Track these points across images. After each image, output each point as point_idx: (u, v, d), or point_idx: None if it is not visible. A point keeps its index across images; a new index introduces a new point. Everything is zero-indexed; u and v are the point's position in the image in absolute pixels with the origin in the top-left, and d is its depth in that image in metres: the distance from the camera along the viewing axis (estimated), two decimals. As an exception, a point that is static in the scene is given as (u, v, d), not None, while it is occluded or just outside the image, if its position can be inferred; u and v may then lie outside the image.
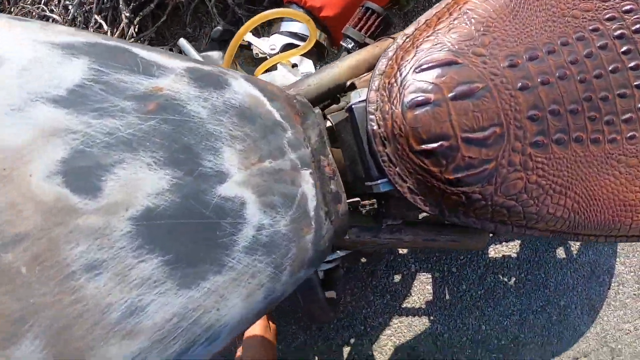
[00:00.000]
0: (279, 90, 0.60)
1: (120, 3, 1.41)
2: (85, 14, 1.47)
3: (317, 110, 0.65)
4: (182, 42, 0.96)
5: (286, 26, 1.00)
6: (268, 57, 0.95)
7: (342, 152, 0.63)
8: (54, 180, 0.40)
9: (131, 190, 0.42)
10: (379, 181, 0.58)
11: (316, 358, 1.37)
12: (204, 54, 0.98)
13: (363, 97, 0.59)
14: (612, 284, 1.47)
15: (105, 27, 1.44)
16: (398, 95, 0.57)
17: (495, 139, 0.56)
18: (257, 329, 0.97)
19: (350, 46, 0.86)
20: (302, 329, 1.38)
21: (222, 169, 0.47)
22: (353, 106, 0.59)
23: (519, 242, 1.43)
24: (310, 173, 0.55)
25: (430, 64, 0.57)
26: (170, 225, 0.43)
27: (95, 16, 1.44)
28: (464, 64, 0.57)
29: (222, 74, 0.54)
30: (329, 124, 0.65)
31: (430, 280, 1.40)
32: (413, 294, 1.40)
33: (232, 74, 0.56)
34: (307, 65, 0.94)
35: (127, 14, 1.42)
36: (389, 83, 0.58)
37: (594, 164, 0.63)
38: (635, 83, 0.63)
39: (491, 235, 1.01)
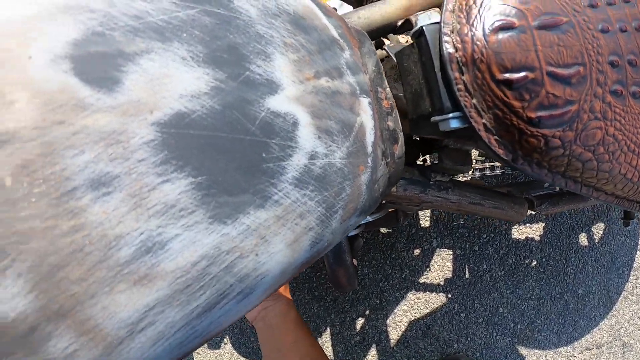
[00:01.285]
0: (333, 10, 0.48)
1: None
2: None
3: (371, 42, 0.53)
4: None
5: None
6: None
7: (402, 85, 0.51)
8: (60, 65, 0.27)
9: (159, 88, 0.29)
10: (450, 115, 0.46)
11: (328, 329, 1.25)
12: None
13: (434, 20, 0.48)
14: (630, 277, 1.38)
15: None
16: (478, 16, 0.47)
17: (578, 79, 0.47)
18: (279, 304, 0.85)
19: None
20: (315, 299, 1.26)
21: (273, 77, 0.35)
22: (424, 27, 0.47)
23: (543, 224, 1.32)
24: (369, 103, 0.42)
25: None
26: (207, 138, 0.30)
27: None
28: None
29: None
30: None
31: (451, 257, 1.28)
32: (432, 270, 1.27)
33: None
34: (347, 10, 0.81)
35: None
36: (466, 4, 0.48)
37: None
38: None
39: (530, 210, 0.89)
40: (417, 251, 1.26)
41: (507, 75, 0.45)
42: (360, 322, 1.25)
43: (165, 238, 0.29)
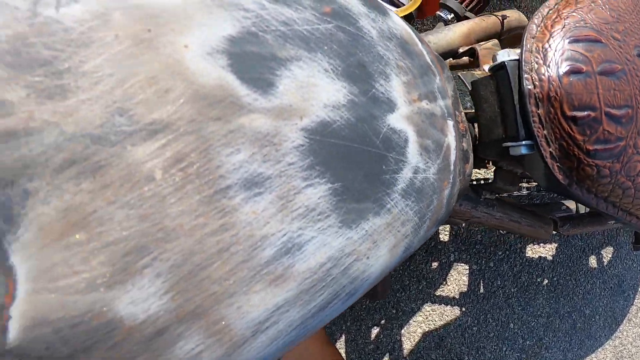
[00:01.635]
0: (422, 36, 0.51)
1: None
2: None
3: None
4: None
5: None
6: None
7: (477, 112, 0.56)
8: (218, 60, 0.29)
9: (308, 95, 0.31)
10: (523, 142, 0.53)
11: (343, 336, 1.27)
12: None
13: (513, 57, 0.54)
14: (636, 301, 1.41)
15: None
16: (554, 59, 0.54)
17: (627, 119, 0.55)
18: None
19: (448, 17, 0.80)
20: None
21: (391, 97, 0.37)
22: (506, 62, 0.52)
23: (556, 244, 1.35)
24: (453, 125, 0.46)
25: (579, 37, 0.55)
26: (343, 147, 0.33)
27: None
28: (606, 44, 0.56)
29: (380, 1, 0.44)
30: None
31: (467, 271, 1.31)
32: (449, 284, 1.30)
33: (387, 5, 0.46)
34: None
35: None
36: (542, 47, 0.55)
37: None
38: None
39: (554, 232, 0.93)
40: (435, 264, 1.29)
41: (574, 112, 0.52)
42: (375, 330, 1.28)
43: (304, 240, 0.31)
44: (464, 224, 0.85)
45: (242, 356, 0.30)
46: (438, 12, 0.81)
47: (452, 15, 0.80)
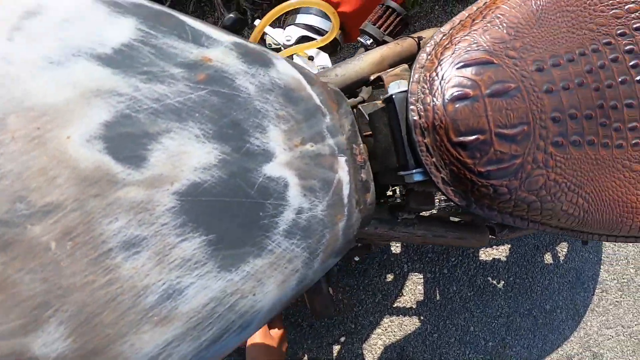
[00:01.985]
0: (317, 76, 0.57)
1: None
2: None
3: (348, 100, 0.63)
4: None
5: (302, 18, 0.98)
6: (283, 47, 0.93)
7: (374, 142, 0.62)
8: (95, 145, 0.36)
9: (178, 163, 0.38)
10: (414, 170, 0.58)
11: (306, 356, 1.34)
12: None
13: (402, 88, 0.59)
14: (596, 291, 1.49)
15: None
16: (439, 88, 0.58)
17: (523, 137, 0.59)
18: (257, 337, 0.96)
19: (368, 42, 0.85)
20: (292, 326, 1.35)
21: (268, 147, 0.44)
22: (394, 96, 0.58)
23: (509, 245, 1.43)
24: (346, 160, 0.52)
25: (469, 62, 0.59)
26: (216, 203, 0.39)
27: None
28: (499, 65, 0.60)
29: (265, 52, 0.51)
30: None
31: (422, 280, 1.38)
32: (404, 294, 1.38)
33: (275, 55, 0.53)
34: (323, 59, 0.91)
35: None
36: (429, 76, 0.59)
37: (603, 166, 0.66)
38: None
39: (491, 236, 1.00)
40: (389, 276, 1.36)
41: (461, 138, 0.57)
42: (336, 347, 1.34)
43: (183, 286, 0.37)
44: (384, 244, 0.92)
45: None
46: (359, 38, 0.88)
47: (371, 40, 0.86)
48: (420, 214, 0.85)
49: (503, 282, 1.42)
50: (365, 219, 0.57)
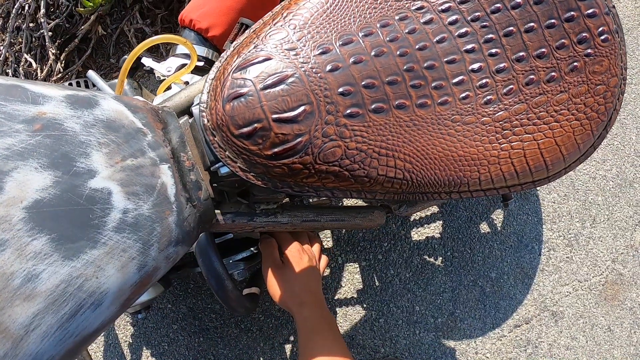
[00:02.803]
0: (144, 104, 0.83)
1: (47, 41, 1.68)
2: (16, 54, 1.77)
3: (185, 117, 0.88)
4: (90, 74, 1.17)
5: (181, 48, 1.22)
6: (166, 78, 1.16)
7: (196, 149, 0.84)
8: None
9: (24, 187, 0.63)
10: (217, 165, 0.78)
11: (261, 358, 1.57)
12: (111, 82, 1.20)
13: (199, 101, 0.79)
14: (543, 250, 1.67)
15: (34, 64, 1.74)
16: (220, 92, 0.73)
17: (305, 116, 0.71)
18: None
19: None
20: (243, 332, 1.57)
21: (92, 167, 0.69)
22: (192, 108, 0.82)
23: (441, 222, 1.65)
24: (169, 167, 0.78)
25: (245, 64, 0.72)
26: (54, 212, 0.64)
27: (25, 55, 1.74)
28: (276, 59, 0.72)
29: (94, 96, 0.76)
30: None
31: (358, 269, 1.61)
32: (343, 285, 1.61)
33: (103, 95, 0.78)
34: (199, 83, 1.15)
35: (54, 51, 1.70)
36: (215, 85, 0.76)
37: (424, 125, 0.75)
38: (464, 48, 0.76)
39: (387, 213, 1.22)
40: (325, 271, 1.60)
41: (241, 130, 0.72)
42: (288, 346, 1.56)
43: (38, 271, 0.63)
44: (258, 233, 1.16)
45: (24, 349, 0.60)
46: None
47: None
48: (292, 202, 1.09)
49: (441, 257, 1.63)
50: (205, 213, 0.83)
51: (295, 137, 0.72)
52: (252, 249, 1.23)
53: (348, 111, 0.72)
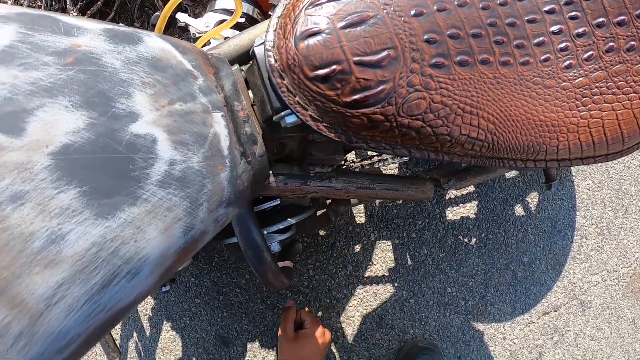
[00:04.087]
0: (193, 46, 0.66)
1: (68, 3, 1.50)
2: (36, 17, 1.56)
3: (236, 66, 0.72)
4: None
5: (219, 4, 1.08)
6: (203, 35, 1.01)
7: (253, 98, 0.69)
8: None
9: (51, 129, 0.48)
10: (283, 113, 0.63)
11: (285, 336, 1.43)
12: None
13: (261, 40, 0.65)
14: (575, 238, 1.55)
15: (55, 29, 1.53)
16: (291, 30, 0.62)
17: (389, 61, 0.60)
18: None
19: None
20: (269, 308, 1.45)
21: (134, 110, 0.53)
22: (254, 48, 0.65)
23: (476, 202, 1.51)
24: (222, 115, 0.61)
25: (320, 1, 0.62)
26: (86, 160, 0.49)
27: (45, 18, 1.53)
28: None
29: (136, 32, 0.60)
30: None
31: (391, 247, 1.47)
32: (375, 263, 1.47)
33: (147, 32, 0.62)
34: (250, 31, 1.01)
35: (75, 14, 1.50)
36: (284, 22, 0.63)
37: (507, 84, 0.67)
38: (544, 9, 0.68)
39: (436, 186, 1.08)
40: (357, 247, 1.45)
41: (317, 72, 0.60)
42: (314, 324, 1.43)
43: (64, 232, 0.47)
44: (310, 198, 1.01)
45: (44, 325, 0.46)
46: (269, 12, 0.97)
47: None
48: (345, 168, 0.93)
49: (475, 239, 1.50)
50: (260, 171, 0.66)
51: (378, 83, 0.60)
52: (289, 219, 1.07)
53: (434, 60, 0.63)
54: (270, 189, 0.76)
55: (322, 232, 1.43)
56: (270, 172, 0.74)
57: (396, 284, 1.46)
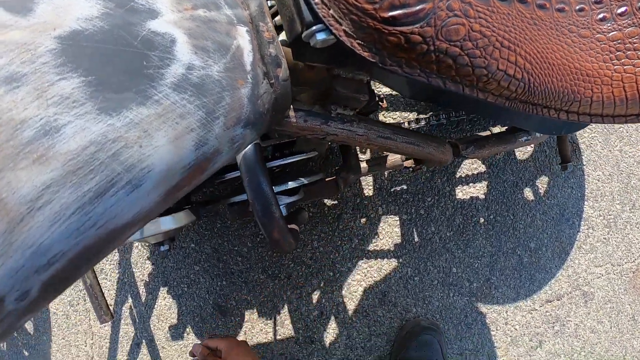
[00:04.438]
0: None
1: None
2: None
3: None
4: None
5: None
6: None
7: (281, 18, 0.62)
8: None
9: (62, 13, 0.41)
10: (314, 27, 0.56)
11: (286, 306, 1.36)
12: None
13: None
14: (582, 227, 1.50)
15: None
16: None
17: None
18: None
19: None
20: (270, 278, 1.37)
21: (154, 7, 0.47)
22: None
23: (486, 182, 1.44)
24: (247, 31, 0.54)
25: None
26: (96, 49, 0.41)
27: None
28: None
29: None
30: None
31: (398, 222, 1.40)
32: (381, 237, 1.39)
33: None
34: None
35: None
36: None
37: (543, 27, 0.64)
38: None
39: (454, 154, 1.00)
40: (363, 220, 1.38)
41: None
42: (316, 296, 1.36)
43: (60, 124, 0.39)
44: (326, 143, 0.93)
45: (24, 234, 0.38)
46: None
47: None
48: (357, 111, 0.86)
49: (483, 220, 1.43)
50: (282, 96, 0.59)
51: (418, 2, 0.54)
52: (301, 179, 1.00)
53: None
54: (289, 125, 0.68)
55: (328, 203, 1.36)
56: (291, 106, 0.67)
57: (401, 261, 1.39)
